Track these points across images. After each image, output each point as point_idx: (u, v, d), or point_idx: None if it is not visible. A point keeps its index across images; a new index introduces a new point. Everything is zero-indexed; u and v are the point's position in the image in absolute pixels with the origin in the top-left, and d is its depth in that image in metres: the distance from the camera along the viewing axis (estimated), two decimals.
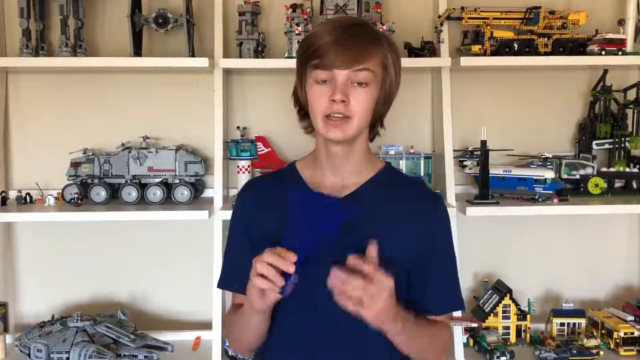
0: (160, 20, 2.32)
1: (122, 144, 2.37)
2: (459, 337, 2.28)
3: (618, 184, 2.53)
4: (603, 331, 2.38)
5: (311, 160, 1.45)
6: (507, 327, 2.38)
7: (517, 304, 2.40)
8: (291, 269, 1.20)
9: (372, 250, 1.21)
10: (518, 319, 2.39)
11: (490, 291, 2.45)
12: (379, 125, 1.44)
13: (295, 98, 1.43)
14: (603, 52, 2.29)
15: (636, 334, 2.30)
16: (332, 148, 1.37)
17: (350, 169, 1.40)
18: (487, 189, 2.28)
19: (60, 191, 2.32)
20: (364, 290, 1.18)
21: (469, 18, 2.35)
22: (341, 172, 1.40)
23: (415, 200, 1.42)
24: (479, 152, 2.32)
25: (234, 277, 1.46)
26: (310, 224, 1.22)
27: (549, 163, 2.40)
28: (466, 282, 2.55)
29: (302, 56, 1.34)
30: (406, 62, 2.33)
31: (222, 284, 1.52)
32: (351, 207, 1.35)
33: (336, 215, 1.23)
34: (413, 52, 2.36)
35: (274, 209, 1.39)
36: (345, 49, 1.27)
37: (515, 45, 2.32)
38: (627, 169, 2.47)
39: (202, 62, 2.21)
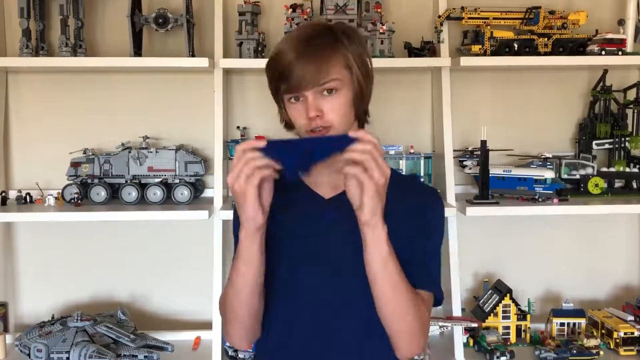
0: (160, 20, 2.32)
1: (122, 144, 2.37)
2: (459, 337, 2.28)
3: (618, 184, 2.53)
4: (603, 331, 2.38)
5: None
6: (507, 327, 2.39)
7: (517, 304, 2.40)
8: (261, 143, 1.21)
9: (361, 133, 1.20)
10: (518, 319, 2.39)
11: (490, 291, 2.45)
12: (365, 116, 1.44)
13: (281, 115, 1.45)
14: (603, 52, 2.29)
15: (636, 334, 2.31)
16: None
17: None
18: (487, 189, 2.28)
19: (60, 191, 2.32)
20: (370, 155, 1.17)
21: (469, 18, 2.35)
22: (336, 170, 1.39)
23: (411, 194, 1.42)
24: (479, 152, 2.32)
25: None
26: None
27: (549, 163, 2.40)
28: (466, 282, 2.55)
29: (271, 81, 1.36)
30: (406, 62, 2.34)
31: None
32: (344, 203, 1.36)
33: None
34: (413, 52, 2.36)
35: (274, 205, 1.39)
36: (306, 69, 1.28)
37: (515, 45, 2.32)
38: (627, 169, 2.47)
39: (202, 62, 2.21)
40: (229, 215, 2.22)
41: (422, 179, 2.34)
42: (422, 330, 1.34)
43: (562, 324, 2.42)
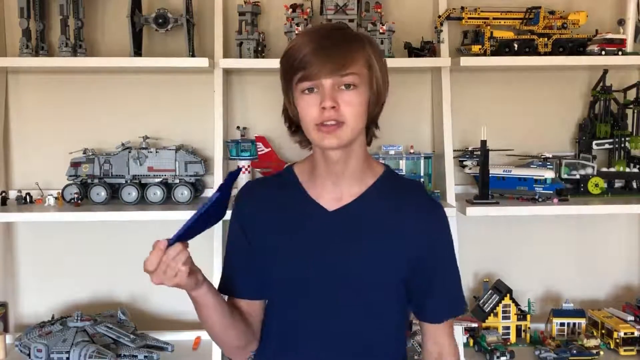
0: (160, 20, 2.32)
1: (122, 144, 2.37)
2: (459, 337, 2.28)
3: (618, 184, 2.53)
4: (603, 331, 2.38)
5: (309, 168, 1.42)
6: (507, 327, 2.38)
7: (517, 304, 2.40)
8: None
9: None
10: (518, 319, 2.39)
11: (490, 291, 2.45)
12: (373, 128, 1.41)
13: (286, 115, 1.40)
14: (603, 52, 2.29)
15: (636, 334, 2.30)
16: (330, 156, 1.34)
17: (350, 176, 1.37)
18: (487, 189, 2.28)
19: (60, 191, 2.32)
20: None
21: (469, 18, 2.35)
22: (341, 181, 1.37)
23: (414, 208, 1.41)
24: (479, 152, 2.32)
25: (233, 281, 1.46)
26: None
27: (549, 163, 2.40)
28: (466, 282, 2.55)
29: (286, 72, 1.31)
30: (406, 62, 2.34)
31: (223, 289, 1.49)
32: (349, 216, 1.36)
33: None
34: (413, 52, 2.36)
35: (272, 211, 1.40)
36: (328, 57, 1.24)
37: (515, 45, 2.32)
38: (627, 169, 2.47)
39: (202, 62, 2.21)
40: (228, 215, 2.21)
41: (422, 179, 2.35)
42: None
43: (562, 324, 2.42)
